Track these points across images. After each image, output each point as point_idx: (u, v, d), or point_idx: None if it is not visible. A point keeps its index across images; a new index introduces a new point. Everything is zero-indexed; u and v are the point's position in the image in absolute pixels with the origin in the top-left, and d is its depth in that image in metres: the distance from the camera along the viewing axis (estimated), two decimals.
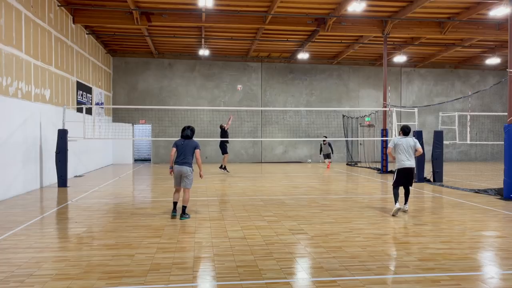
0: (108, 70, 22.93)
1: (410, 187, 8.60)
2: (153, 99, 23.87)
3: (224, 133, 17.21)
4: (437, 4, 16.01)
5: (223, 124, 17.72)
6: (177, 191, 8.22)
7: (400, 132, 8.69)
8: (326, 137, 21.55)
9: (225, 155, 17.35)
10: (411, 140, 8.51)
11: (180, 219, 7.87)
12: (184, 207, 8.01)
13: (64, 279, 4.65)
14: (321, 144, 21.51)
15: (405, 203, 8.63)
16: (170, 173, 8.19)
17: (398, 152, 8.45)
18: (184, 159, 7.99)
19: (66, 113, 13.45)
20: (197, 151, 8.09)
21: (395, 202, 8.35)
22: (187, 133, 8.15)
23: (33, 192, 11.85)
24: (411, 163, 8.40)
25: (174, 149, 8.11)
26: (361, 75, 26.06)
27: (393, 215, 8.24)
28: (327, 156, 21.20)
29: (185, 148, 8.03)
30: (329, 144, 21.13)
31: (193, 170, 8.10)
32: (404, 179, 8.47)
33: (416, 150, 8.51)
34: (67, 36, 15.62)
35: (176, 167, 8.03)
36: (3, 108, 10.47)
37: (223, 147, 17.25)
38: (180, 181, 8.09)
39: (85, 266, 5.10)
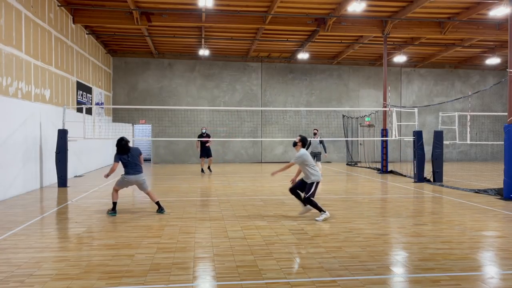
0: (108, 70, 22.93)
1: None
2: (153, 99, 23.87)
3: (205, 137, 17.63)
4: (437, 4, 16.01)
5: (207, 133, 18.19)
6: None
7: (300, 144, 8.10)
8: (317, 130, 16.59)
9: (211, 157, 18.15)
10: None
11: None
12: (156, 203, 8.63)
13: (64, 279, 4.65)
14: (309, 140, 15.58)
15: (306, 204, 7.99)
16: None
17: (313, 164, 7.96)
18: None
19: (66, 113, 13.44)
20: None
21: (321, 210, 7.79)
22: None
23: (33, 192, 11.85)
24: None
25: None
26: (361, 75, 26.05)
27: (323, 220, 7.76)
28: (316, 156, 15.84)
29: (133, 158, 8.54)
30: (321, 142, 16.08)
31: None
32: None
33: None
34: (67, 36, 15.62)
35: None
36: (3, 108, 10.47)
37: (210, 151, 17.98)
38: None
39: (85, 266, 5.10)
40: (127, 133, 22.46)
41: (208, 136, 17.79)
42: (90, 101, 18.72)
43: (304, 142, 8.17)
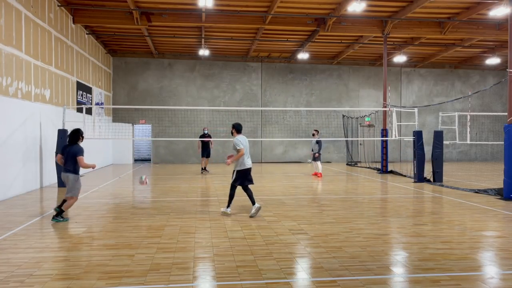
0: (108, 70, 22.93)
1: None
2: (153, 99, 23.86)
3: (207, 137, 17.75)
4: (437, 4, 16.01)
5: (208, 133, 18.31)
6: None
7: (234, 131, 8.45)
8: (317, 131, 16.72)
9: (208, 158, 18.18)
10: (245, 138, 8.48)
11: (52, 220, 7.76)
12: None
13: (64, 279, 4.65)
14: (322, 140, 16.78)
15: (254, 203, 8.23)
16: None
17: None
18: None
19: (66, 113, 13.44)
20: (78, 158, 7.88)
21: (229, 205, 8.26)
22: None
23: (33, 192, 11.84)
24: (251, 162, 8.44)
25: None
26: (361, 75, 26.05)
27: (222, 214, 8.28)
28: (314, 157, 16.61)
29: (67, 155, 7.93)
30: (318, 142, 16.34)
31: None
32: (246, 179, 8.32)
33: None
34: (67, 36, 15.62)
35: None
36: (3, 108, 10.47)
37: (209, 150, 18.02)
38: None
39: (85, 266, 5.10)
40: (127, 133, 22.47)
41: (209, 136, 17.97)
42: (90, 101, 18.71)
43: (236, 128, 8.44)
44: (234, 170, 8.40)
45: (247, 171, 8.33)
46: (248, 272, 4.88)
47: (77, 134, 8.08)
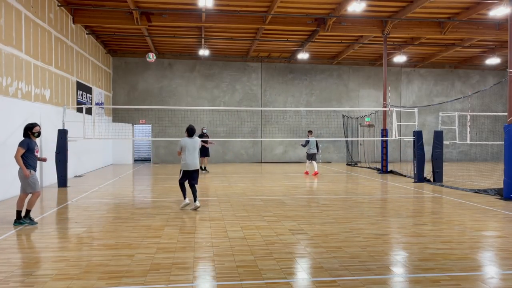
0: (108, 70, 22.93)
1: (196, 185, 9.12)
2: (153, 99, 23.86)
3: (205, 137, 17.92)
4: (437, 4, 16.01)
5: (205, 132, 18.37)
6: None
7: (186, 133, 9.23)
8: (310, 131, 17.39)
9: (207, 157, 18.27)
10: (197, 140, 9.25)
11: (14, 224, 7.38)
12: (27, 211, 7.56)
13: (64, 279, 4.65)
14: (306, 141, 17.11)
15: (195, 200, 8.97)
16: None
17: (185, 154, 8.95)
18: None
19: (66, 113, 13.44)
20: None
21: (184, 196, 9.04)
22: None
23: None
24: (195, 163, 9.05)
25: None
26: (361, 75, 26.05)
27: (181, 209, 8.97)
28: (311, 156, 17.10)
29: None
30: (307, 141, 16.99)
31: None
32: (189, 177, 9.05)
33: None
34: (67, 36, 15.62)
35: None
36: (3, 108, 10.47)
37: (207, 150, 18.10)
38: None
39: (85, 266, 5.10)
40: (127, 133, 22.47)
41: (207, 136, 18.10)
42: (90, 101, 18.71)
43: (187, 131, 9.21)
44: (180, 169, 9.22)
45: (189, 172, 9.00)
46: (248, 272, 4.88)
47: (26, 129, 7.88)
